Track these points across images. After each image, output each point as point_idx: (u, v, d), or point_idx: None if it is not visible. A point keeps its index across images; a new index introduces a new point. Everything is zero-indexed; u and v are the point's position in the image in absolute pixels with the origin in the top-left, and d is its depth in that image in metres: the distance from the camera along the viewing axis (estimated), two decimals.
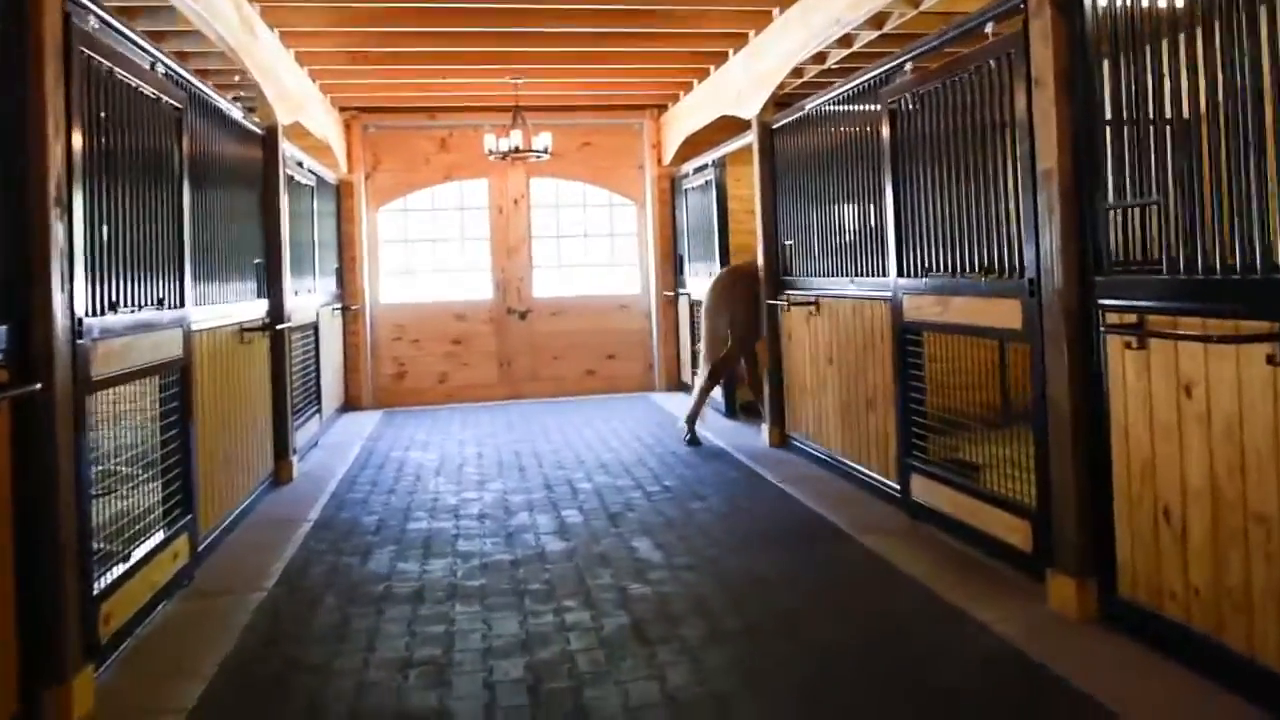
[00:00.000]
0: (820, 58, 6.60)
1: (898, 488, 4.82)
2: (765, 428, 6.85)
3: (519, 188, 10.01)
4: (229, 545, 4.69)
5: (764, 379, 6.85)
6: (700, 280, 8.76)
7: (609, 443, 7.22)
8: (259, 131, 5.99)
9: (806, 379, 6.15)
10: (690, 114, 8.68)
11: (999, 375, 5.24)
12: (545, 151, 8.06)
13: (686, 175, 9.13)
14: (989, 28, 3.85)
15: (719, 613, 3.57)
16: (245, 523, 5.11)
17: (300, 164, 7.23)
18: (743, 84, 6.92)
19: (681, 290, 9.59)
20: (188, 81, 4.45)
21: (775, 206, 6.66)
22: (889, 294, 4.80)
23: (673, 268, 9.96)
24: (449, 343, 9.92)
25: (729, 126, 8.25)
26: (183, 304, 4.23)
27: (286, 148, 6.51)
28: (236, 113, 5.39)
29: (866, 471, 5.25)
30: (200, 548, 4.30)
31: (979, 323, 3.96)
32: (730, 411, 8.11)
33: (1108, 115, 3.22)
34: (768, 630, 3.39)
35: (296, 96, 6.88)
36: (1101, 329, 3.16)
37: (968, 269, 4.04)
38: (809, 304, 5.96)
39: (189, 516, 4.12)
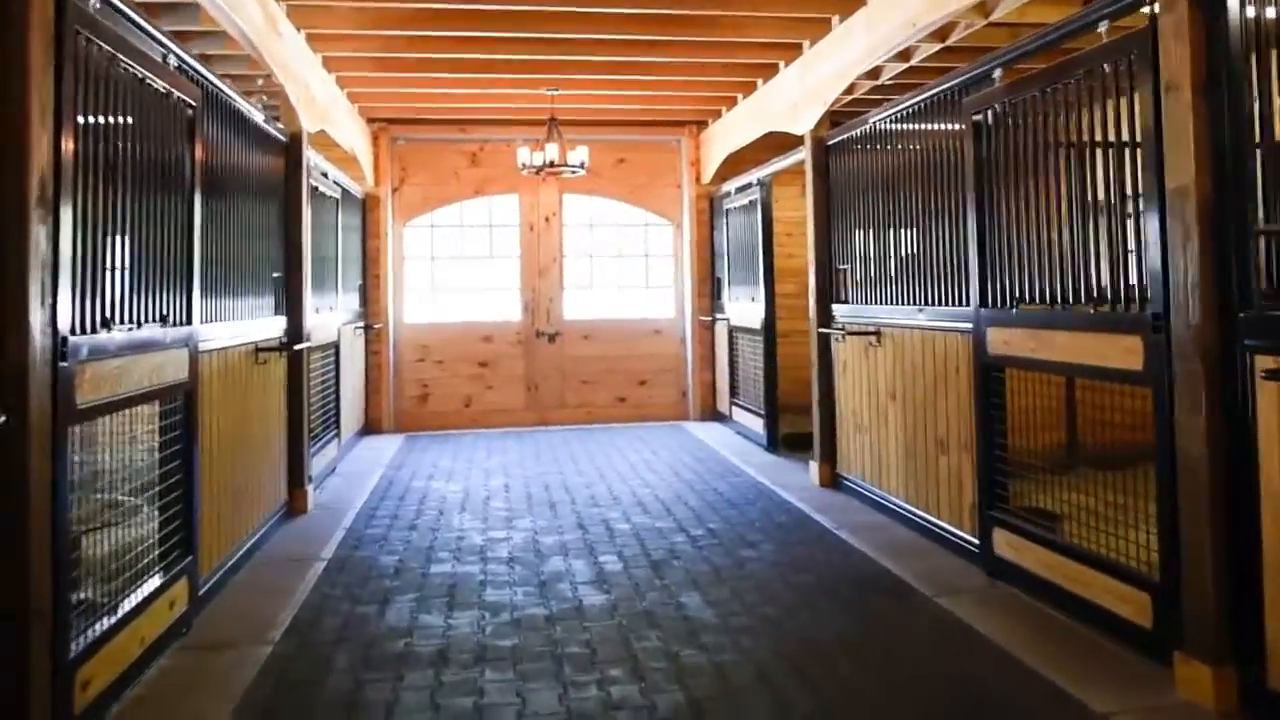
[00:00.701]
0: (874, 73, 6.15)
1: (975, 541, 4.33)
2: (814, 465, 6.37)
3: (551, 205, 9.62)
4: (235, 587, 4.26)
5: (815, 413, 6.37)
6: (742, 305, 8.32)
7: (644, 477, 6.76)
8: (282, 139, 5.62)
9: (864, 415, 5.68)
10: (734, 130, 8.26)
11: (1067, 414, 4.77)
12: (581, 166, 7.66)
13: (728, 195, 8.70)
14: (1102, 27, 3.40)
15: (785, 688, 3.09)
16: (254, 560, 4.69)
17: (325, 175, 6.86)
18: (796, 96, 6.50)
19: (720, 315, 9.14)
20: (203, 78, 4.07)
21: (829, 229, 6.22)
22: (969, 326, 4.33)
23: (710, 292, 9.52)
24: (475, 365, 9.51)
25: (773, 144, 7.85)
26: (190, 320, 3.83)
27: (311, 157, 6.15)
28: (258, 116, 5.02)
29: (935, 521, 4.76)
30: (201, 591, 3.88)
31: (1086, 362, 3.48)
32: (772, 445, 7.62)
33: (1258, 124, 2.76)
34: (842, 711, 2.92)
35: (323, 104, 6.53)
36: (1262, 374, 2.67)
37: (1072, 301, 3.57)
38: (869, 334, 5.49)
39: (189, 559, 3.69)
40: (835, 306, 6.15)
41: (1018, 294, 3.94)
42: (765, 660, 3.34)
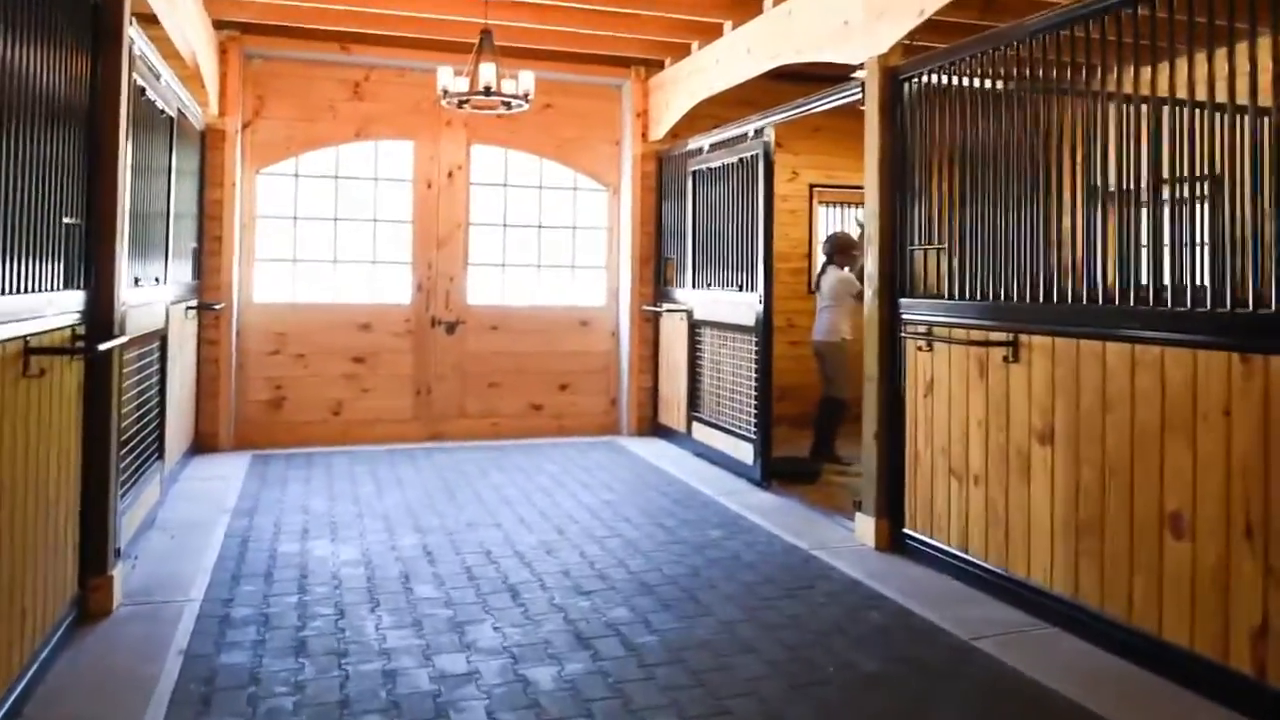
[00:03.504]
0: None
1: (1272, 690, 2.69)
2: (864, 520, 4.63)
3: (456, 156, 7.47)
4: None
5: (876, 445, 4.61)
6: (716, 294, 6.50)
7: (618, 529, 4.84)
8: None
9: (973, 459, 3.98)
10: (716, 68, 6.39)
11: None
12: (525, 99, 5.58)
13: (698, 153, 6.83)
14: None
15: None
16: None
17: (158, 76, 4.53)
18: (854, 11, 4.69)
19: (671, 306, 7.28)
20: None
21: (900, 194, 4.49)
22: None
23: (654, 275, 7.66)
24: (348, 360, 7.27)
25: (737, 99, 6.49)
26: None
27: (138, 40, 3.86)
28: None
29: (1151, 635, 3.10)
30: None
31: None
32: (765, 478, 5.85)
33: None
34: None
35: None
36: None
37: None
38: (999, 344, 3.79)
39: None
40: (905, 301, 4.44)
41: None
42: None
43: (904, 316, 4.44)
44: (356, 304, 7.30)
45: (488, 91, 5.33)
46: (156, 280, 4.74)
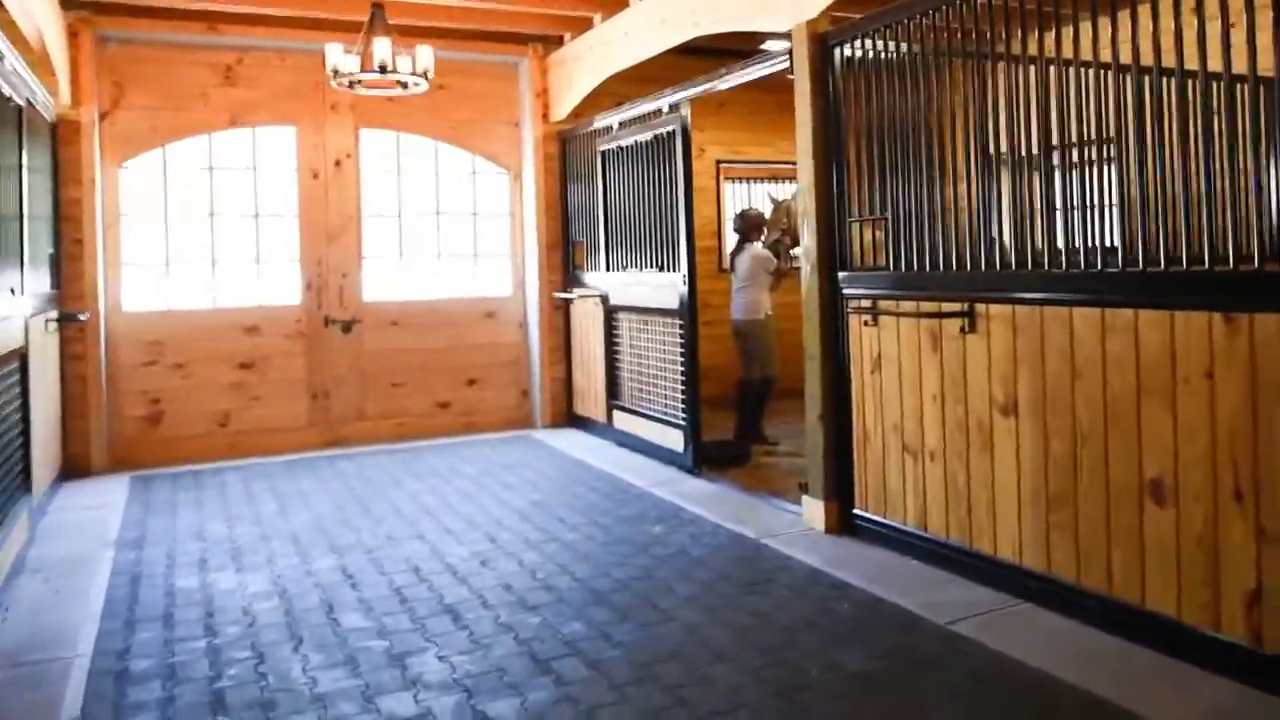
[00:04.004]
0: None
1: (1270, 656, 2.60)
2: (812, 503, 4.45)
3: (344, 143, 6.94)
4: None
5: (821, 424, 4.42)
6: (633, 277, 6.23)
7: (553, 531, 4.53)
8: None
9: (929, 436, 3.83)
10: (621, 44, 6.08)
11: None
12: (425, 77, 5.15)
13: (606, 132, 6.51)
14: None
15: None
16: None
17: (2, 58, 3.92)
18: None
19: (584, 292, 6.97)
20: None
21: (837, 165, 4.29)
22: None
23: (562, 261, 7.33)
24: (233, 368, 6.69)
25: (644, 76, 6.14)
26: None
27: None
28: None
29: (1131, 605, 3.00)
30: None
31: None
32: (696, 466, 5.63)
33: None
34: None
35: None
36: None
37: None
38: (955, 315, 3.64)
39: None
40: (845, 275, 4.26)
41: None
42: None
43: (845, 291, 4.26)
44: (240, 306, 6.72)
45: (383, 70, 4.89)
46: (12, 291, 4.15)
